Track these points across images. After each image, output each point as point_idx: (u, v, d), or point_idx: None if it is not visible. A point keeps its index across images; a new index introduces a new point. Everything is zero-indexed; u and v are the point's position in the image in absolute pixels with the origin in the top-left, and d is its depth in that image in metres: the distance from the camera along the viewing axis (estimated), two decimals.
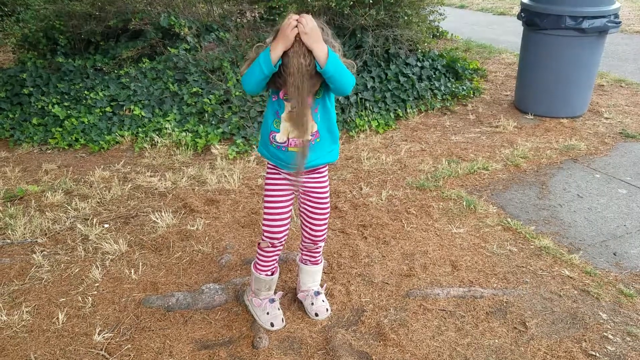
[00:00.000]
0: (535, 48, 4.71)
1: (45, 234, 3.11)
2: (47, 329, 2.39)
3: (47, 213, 3.32)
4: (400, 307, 2.49)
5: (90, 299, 2.57)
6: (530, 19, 4.59)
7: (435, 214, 3.28)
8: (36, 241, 3.05)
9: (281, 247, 2.36)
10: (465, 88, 5.40)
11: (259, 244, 2.35)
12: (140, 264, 2.84)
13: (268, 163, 2.25)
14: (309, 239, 2.37)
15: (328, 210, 2.32)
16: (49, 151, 4.30)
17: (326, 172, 2.27)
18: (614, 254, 2.89)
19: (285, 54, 1.88)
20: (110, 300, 2.57)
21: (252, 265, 2.43)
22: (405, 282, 2.66)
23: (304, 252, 2.46)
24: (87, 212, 3.34)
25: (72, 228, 3.17)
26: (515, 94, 5.19)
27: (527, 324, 2.38)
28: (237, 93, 4.61)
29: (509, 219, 3.21)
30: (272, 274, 2.40)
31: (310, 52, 1.87)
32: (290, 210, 2.29)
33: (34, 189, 3.60)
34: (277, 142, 2.11)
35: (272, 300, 2.41)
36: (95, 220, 3.23)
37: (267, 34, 4.61)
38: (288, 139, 2.10)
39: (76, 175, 3.86)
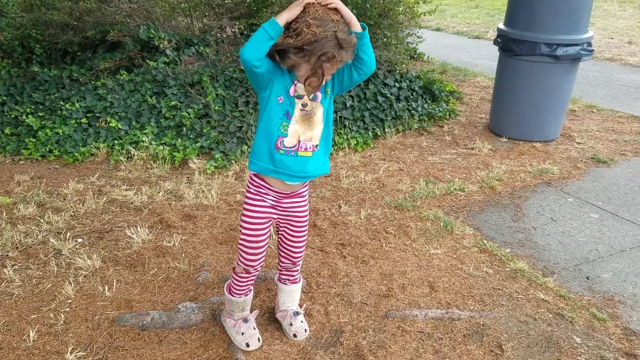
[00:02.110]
0: (510, 73, 4.82)
1: (17, 248, 3.03)
2: (17, 346, 2.32)
3: (18, 226, 3.24)
4: (378, 328, 2.49)
5: (62, 316, 2.50)
6: (507, 45, 4.70)
7: (413, 234, 3.31)
8: (7, 255, 2.96)
9: (257, 273, 2.32)
10: (441, 109, 5.49)
11: (234, 268, 2.31)
12: (115, 280, 2.78)
13: (250, 186, 2.16)
14: (287, 259, 2.36)
15: (307, 231, 2.31)
16: (21, 162, 4.20)
17: (307, 196, 2.26)
18: (587, 278, 2.94)
19: (300, 23, 1.83)
20: (84, 317, 2.51)
21: (225, 286, 2.40)
22: (383, 303, 2.66)
23: (282, 272, 2.43)
24: (60, 225, 3.27)
25: (45, 242, 3.09)
26: (490, 117, 5.29)
27: (503, 347, 2.40)
28: (216, 108, 4.59)
29: (485, 241, 3.24)
30: (245, 295, 2.36)
31: (341, 21, 1.86)
32: (269, 237, 2.25)
33: (6, 201, 3.51)
34: (286, 147, 2.00)
35: (246, 320, 2.37)
36: (68, 234, 3.16)
37: None
38: (299, 141, 2.01)
39: (49, 187, 3.77)
